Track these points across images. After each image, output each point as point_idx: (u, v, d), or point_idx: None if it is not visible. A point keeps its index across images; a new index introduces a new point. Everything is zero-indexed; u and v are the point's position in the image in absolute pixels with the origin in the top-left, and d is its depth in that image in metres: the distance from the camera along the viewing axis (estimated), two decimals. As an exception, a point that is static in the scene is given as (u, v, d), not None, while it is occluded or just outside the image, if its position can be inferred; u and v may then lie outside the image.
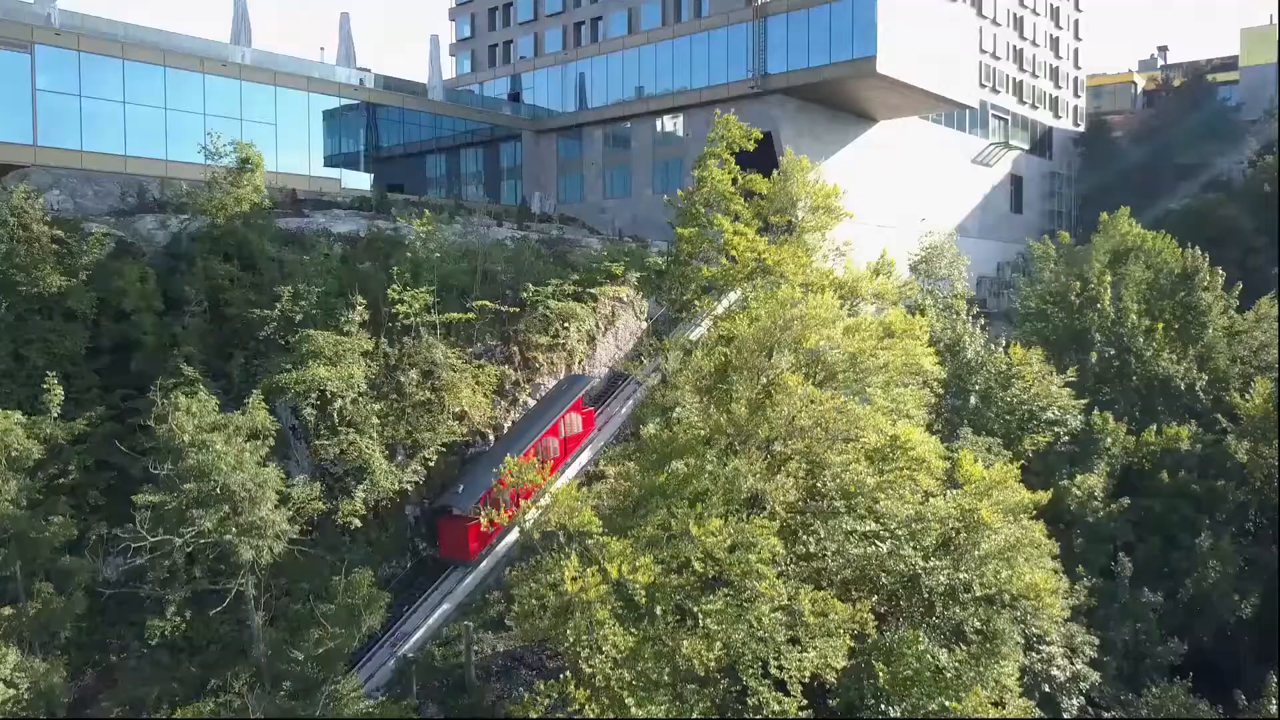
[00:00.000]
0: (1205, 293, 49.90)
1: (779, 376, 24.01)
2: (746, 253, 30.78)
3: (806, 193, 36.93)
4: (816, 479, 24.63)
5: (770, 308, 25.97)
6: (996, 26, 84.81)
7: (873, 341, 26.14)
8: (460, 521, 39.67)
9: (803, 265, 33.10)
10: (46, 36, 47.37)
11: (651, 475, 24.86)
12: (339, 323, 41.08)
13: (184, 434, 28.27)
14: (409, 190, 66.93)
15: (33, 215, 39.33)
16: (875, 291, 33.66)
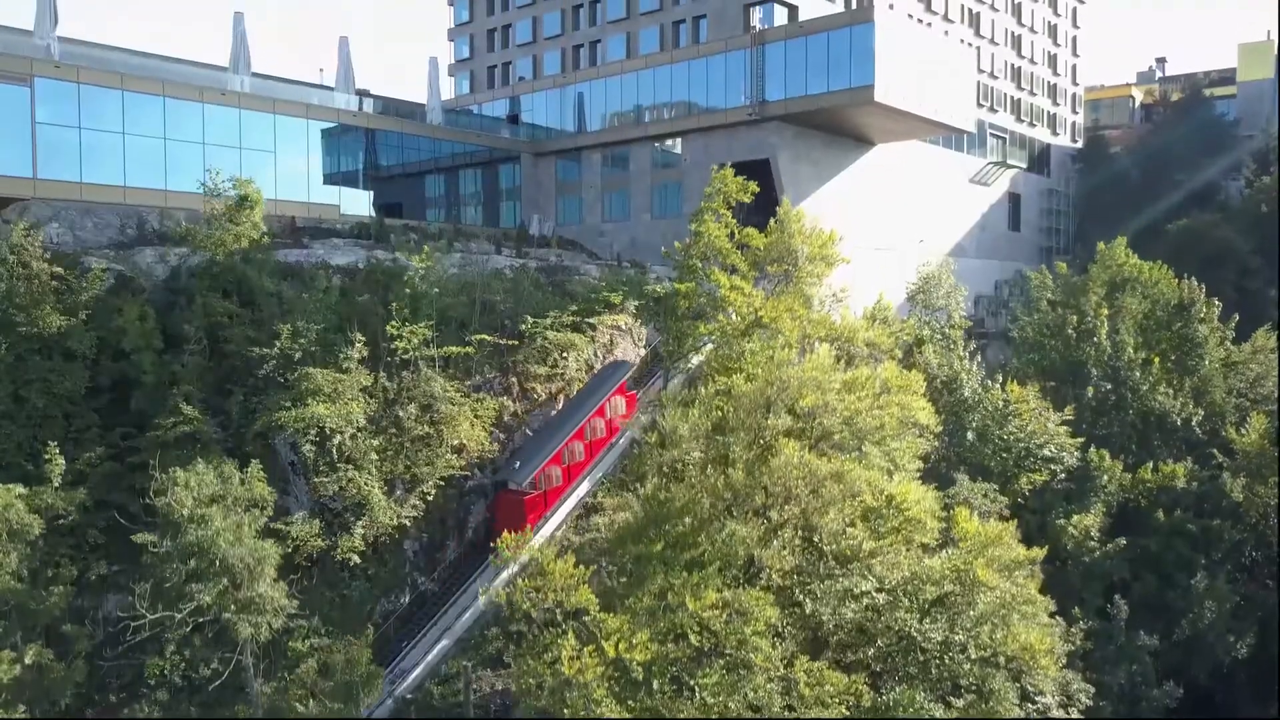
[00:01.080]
0: (1202, 324, 50.10)
1: (775, 438, 24.14)
2: (744, 308, 30.97)
3: (804, 242, 37.08)
4: (813, 542, 24.74)
5: (767, 368, 26.09)
6: (995, 46, 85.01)
7: (869, 400, 26.27)
8: (517, 497, 42.31)
9: (800, 318, 33.24)
10: (46, 69, 47.49)
11: (649, 543, 24.96)
12: (338, 360, 41.20)
13: (183, 508, 28.39)
14: (408, 211, 67.07)
15: (32, 252, 39.47)
16: (870, 340, 33.78)
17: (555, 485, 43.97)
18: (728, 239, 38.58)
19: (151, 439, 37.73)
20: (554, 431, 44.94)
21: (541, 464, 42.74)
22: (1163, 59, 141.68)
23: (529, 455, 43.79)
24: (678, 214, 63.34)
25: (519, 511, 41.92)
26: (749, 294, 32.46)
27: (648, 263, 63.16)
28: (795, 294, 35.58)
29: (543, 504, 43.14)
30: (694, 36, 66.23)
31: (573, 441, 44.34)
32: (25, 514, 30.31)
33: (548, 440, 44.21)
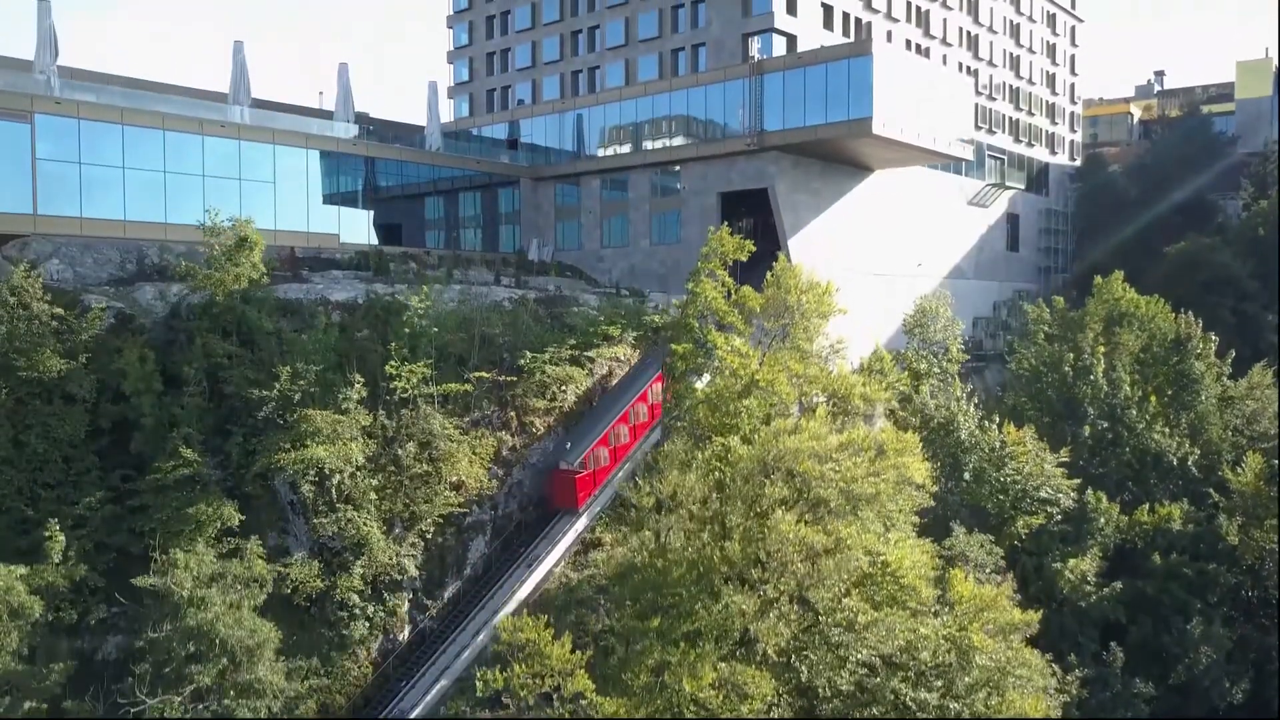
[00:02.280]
0: (1198, 360, 50.23)
1: (772, 507, 24.24)
2: (741, 369, 31.11)
3: (800, 297, 37.22)
4: (808, 612, 24.83)
5: (764, 436, 26.20)
6: (993, 67, 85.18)
7: (865, 466, 26.35)
8: (569, 475, 45.63)
9: (797, 376, 33.36)
10: (46, 105, 47.63)
11: (646, 620, 25.03)
12: (337, 400, 41.32)
13: (183, 589, 28.51)
14: (407, 233, 67.14)
15: (32, 294, 39.57)
16: (865, 396, 33.92)
17: (603, 465, 47.07)
18: (724, 298, 38.73)
19: (151, 482, 37.93)
20: (601, 416, 48.33)
21: (591, 445, 46.11)
22: (1161, 72, 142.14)
23: (579, 438, 47.25)
24: (676, 241, 63.60)
25: (571, 489, 45.68)
26: (746, 354, 32.57)
27: (646, 290, 63.29)
28: (792, 350, 35.70)
29: (592, 482, 46.37)
30: (693, 65, 66.39)
31: (618, 425, 47.42)
32: (25, 595, 30.36)
33: (595, 424, 47.71)
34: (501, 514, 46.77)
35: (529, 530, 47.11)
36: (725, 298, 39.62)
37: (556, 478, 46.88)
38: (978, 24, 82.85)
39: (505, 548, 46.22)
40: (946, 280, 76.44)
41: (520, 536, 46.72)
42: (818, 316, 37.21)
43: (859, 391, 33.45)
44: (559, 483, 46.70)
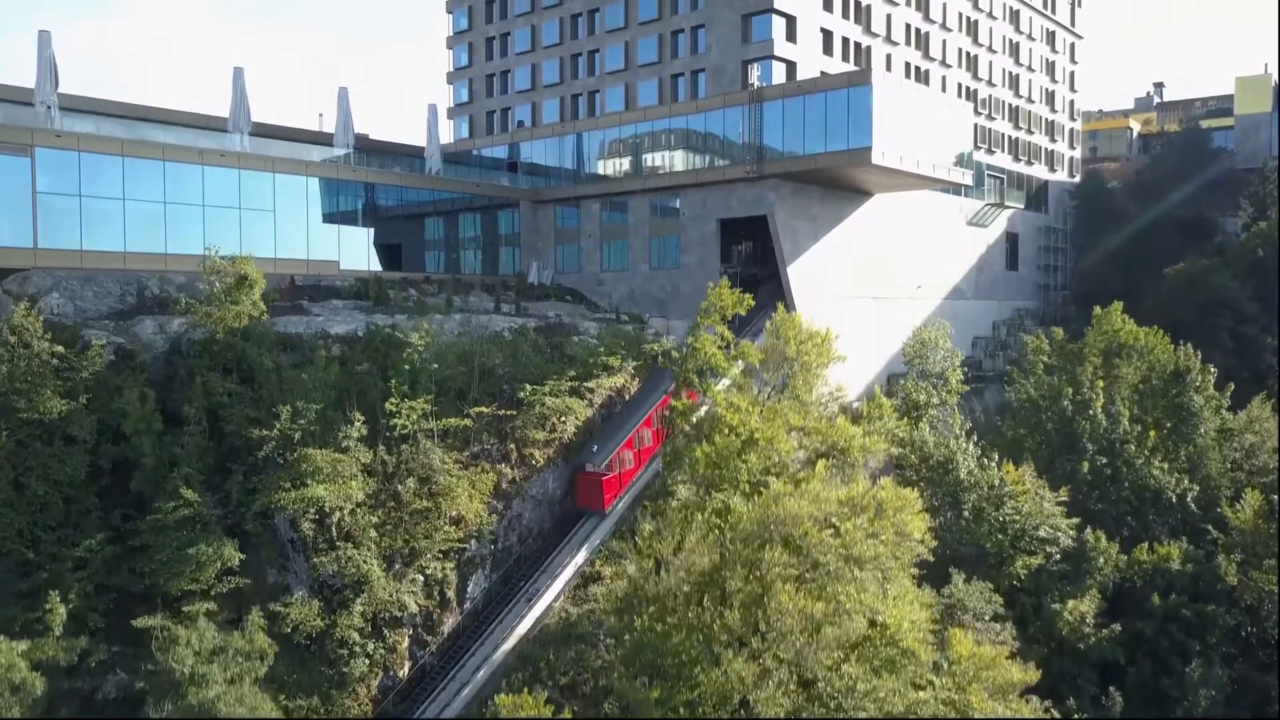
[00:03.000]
0: (1197, 393, 50.30)
1: (771, 572, 24.26)
2: (740, 427, 31.24)
3: (799, 348, 37.25)
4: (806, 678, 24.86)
5: (764, 498, 26.26)
6: (992, 87, 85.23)
7: (865, 526, 26.32)
8: (595, 476, 46.85)
9: (796, 427, 33.46)
10: (47, 139, 47.69)
11: (645, 684, 25.06)
12: (338, 438, 41.35)
13: (184, 666, 28.50)
14: (407, 253, 67.04)
15: (33, 332, 39.61)
16: (865, 447, 33.98)
17: (628, 468, 48.24)
18: (723, 352, 38.84)
19: (152, 522, 37.99)
20: (625, 420, 49.65)
21: (616, 448, 47.28)
22: (1160, 84, 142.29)
23: (605, 440, 48.41)
24: (675, 266, 63.65)
25: (597, 490, 46.85)
26: (745, 411, 32.66)
27: (646, 314, 63.40)
28: (791, 400, 35.78)
29: (618, 484, 47.56)
30: (692, 90, 66.43)
31: (642, 429, 48.63)
32: (27, 670, 30.44)
33: (620, 427, 49.01)
34: (501, 547, 46.88)
35: (529, 563, 47.23)
36: (724, 350, 39.70)
37: (583, 479, 47.78)
38: (977, 44, 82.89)
39: (505, 581, 46.31)
40: (946, 301, 76.54)
41: (520, 569, 46.83)
42: (818, 365, 37.27)
43: (858, 444, 33.54)
44: (585, 484, 47.63)
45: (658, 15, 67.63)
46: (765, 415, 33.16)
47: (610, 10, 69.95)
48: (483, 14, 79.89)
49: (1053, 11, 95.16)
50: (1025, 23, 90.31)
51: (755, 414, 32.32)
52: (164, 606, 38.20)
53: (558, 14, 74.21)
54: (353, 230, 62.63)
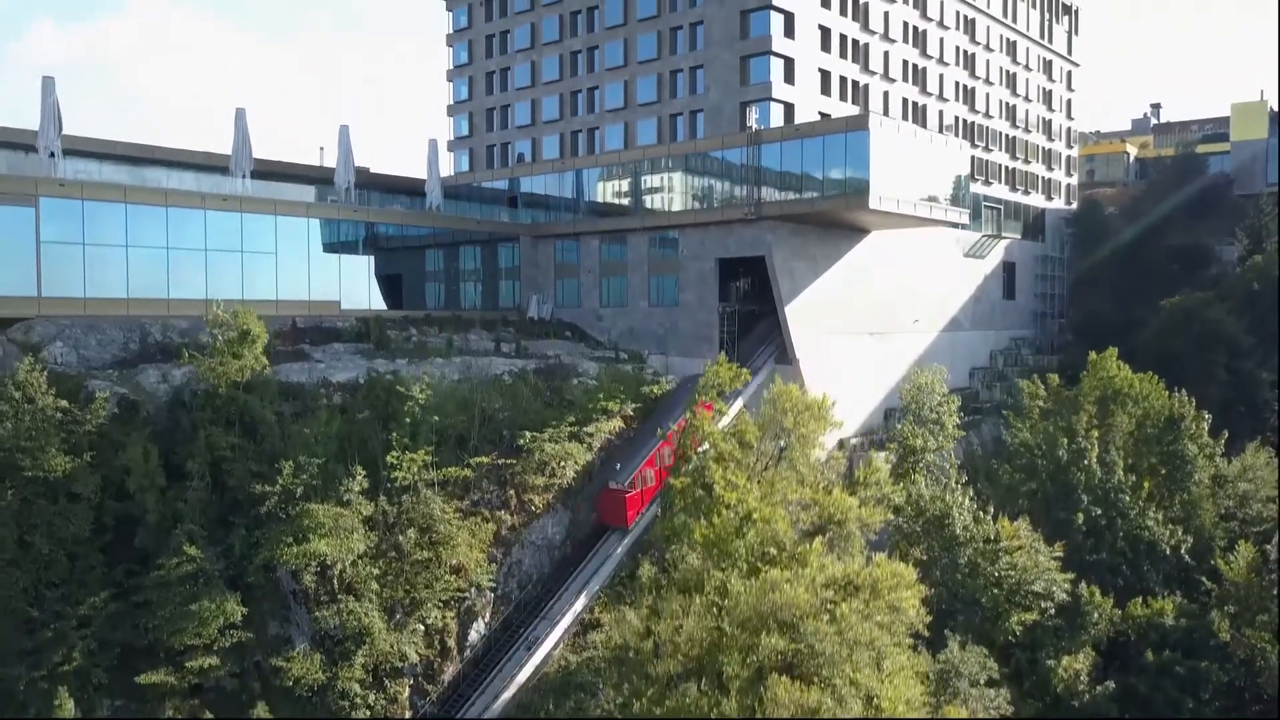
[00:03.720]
0: (1191, 442, 50.71)
1: (768, 658, 24.61)
2: (738, 505, 31.66)
3: (796, 420, 37.65)
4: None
5: (762, 584, 26.64)
6: (989, 118, 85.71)
7: (861, 609, 26.63)
8: (619, 494, 48.82)
9: (793, 501, 33.87)
10: (51, 189, 48.10)
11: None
12: (339, 492, 41.71)
13: None
14: (408, 286, 67.35)
15: (37, 387, 39.97)
16: (862, 519, 34.34)
17: (649, 485, 50.05)
18: (719, 432, 39.27)
19: (155, 578, 38.36)
20: (646, 439, 51.63)
21: (638, 467, 49.54)
22: (1157, 105, 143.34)
23: (628, 459, 50.61)
24: (674, 304, 64.04)
25: (621, 507, 48.78)
26: (742, 488, 33.07)
27: (645, 351, 63.81)
28: (790, 473, 36.17)
29: (640, 501, 49.45)
30: (690, 130, 66.87)
31: (662, 448, 49.86)
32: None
33: (642, 447, 51.18)
34: (501, 594, 47.22)
35: (529, 609, 47.56)
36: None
37: (606, 496, 49.65)
38: (974, 77, 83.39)
39: (505, 628, 46.62)
40: (943, 333, 76.99)
41: (520, 616, 47.16)
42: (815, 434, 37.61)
43: (854, 515, 33.92)
44: (609, 501, 49.50)
45: (657, 55, 68.11)
46: (763, 487, 33.57)
47: (610, 48, 70.41)
48: (482, 48, 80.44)
49: (1049, 41, 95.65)
50: (1022, 53, 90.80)
51: (753, 492, 32.70)
52: (167, 661, 38.70)
53: (557, 50, 74.73)
54: (354, 267, 62.95)
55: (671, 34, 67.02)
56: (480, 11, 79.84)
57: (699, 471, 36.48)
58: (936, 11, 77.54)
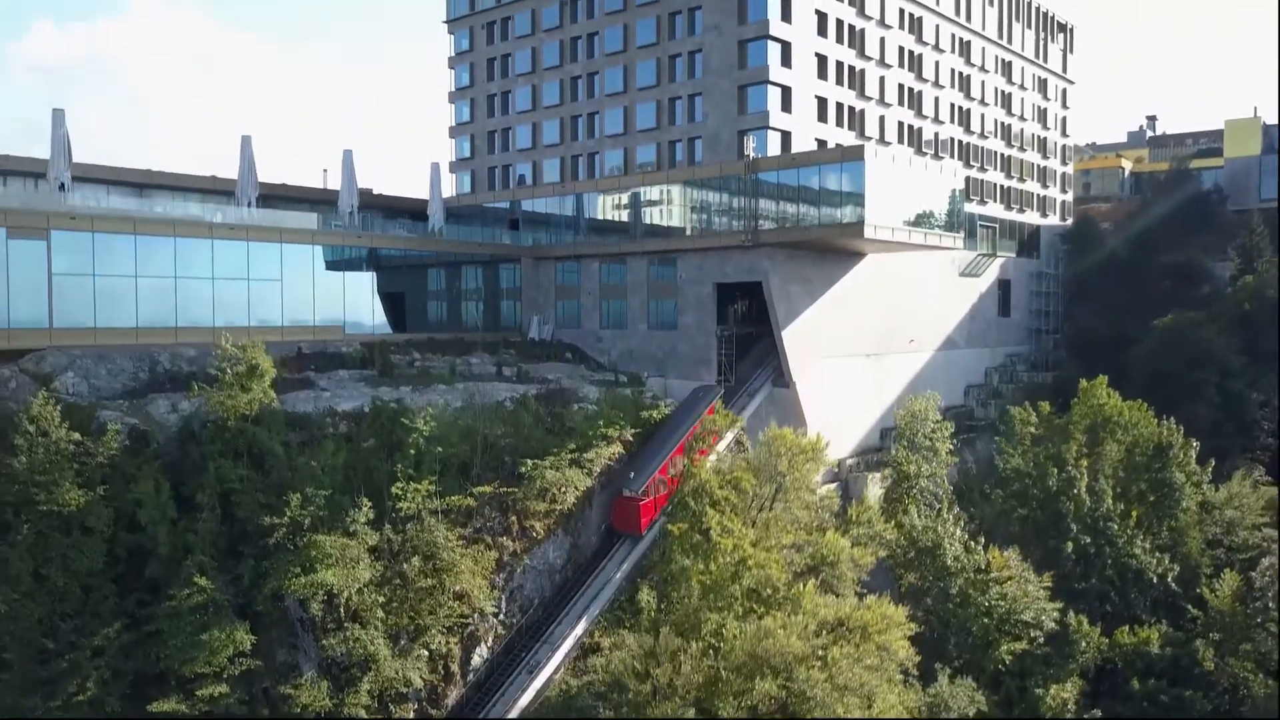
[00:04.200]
0: (1178, 470, 51.77)
1: (761, 703, 25.63)
2: (733, 551, 32.66)
3: (790, 463, 38.67)
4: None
5: (756, 631, 27.62)
6: (985, 139, 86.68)
7: (851, 653, 27.64)
8: (633, 501, 50.24)
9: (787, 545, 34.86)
10: (62, 221, 49.10)
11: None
12: (345, 523, 42.68)
13: None
14: (410, 304, 68.12)
15: (51, 421, 40.96)
16: (854, 559, 35.34)
17: (662, 493, 51.08)
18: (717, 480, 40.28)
19: (167, 609, 39.40)
20: (659, 448, 52.97)
21: (652, 474, 50.99)
22: (1153, 118, 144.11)
23: (641, 467, 51.96)
24: (673, 327, 65.03)
25: (635, 514, 50.30)
26: (738, 535, 34.08)
27: (644, 373, 64.78)
28: (785, 515, 37.19)
29: (653, 508, 50.76)
30: (689, 156, 67.86)
31: (675, 456, 51.76)
32: None
33: (655, 455, 52.46)
34: (503, 618, 48.22)
35: (530, 633, 48.56)
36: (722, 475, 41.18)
37: (621, 504, 51.25)
38: (969, 98, 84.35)
39: (507, 651, 47.62)
40: (939, 352, 77.99)
41: (521, 640, 48.15)
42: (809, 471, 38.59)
43: (846, 556, 34.92)
44: (623, 508, 51.13)
45: (656, 82, 69.09)
46: (758, 530, 34.56)
47: (610, 74, 71.43)
48: (484, 71, 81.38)
49: (1045, 60, 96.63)
50: (1017, 73, 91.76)
51: (748, 536, 33.69)
52: (178, 689, 39.69)
53: (558, 75, 75.69)
54: (358, 292, 63.91)
55: (670, 61, 68.03)
56: (482, 35, 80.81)
57: (697, 517, 37.45)
58: (932, 36, 78.50)
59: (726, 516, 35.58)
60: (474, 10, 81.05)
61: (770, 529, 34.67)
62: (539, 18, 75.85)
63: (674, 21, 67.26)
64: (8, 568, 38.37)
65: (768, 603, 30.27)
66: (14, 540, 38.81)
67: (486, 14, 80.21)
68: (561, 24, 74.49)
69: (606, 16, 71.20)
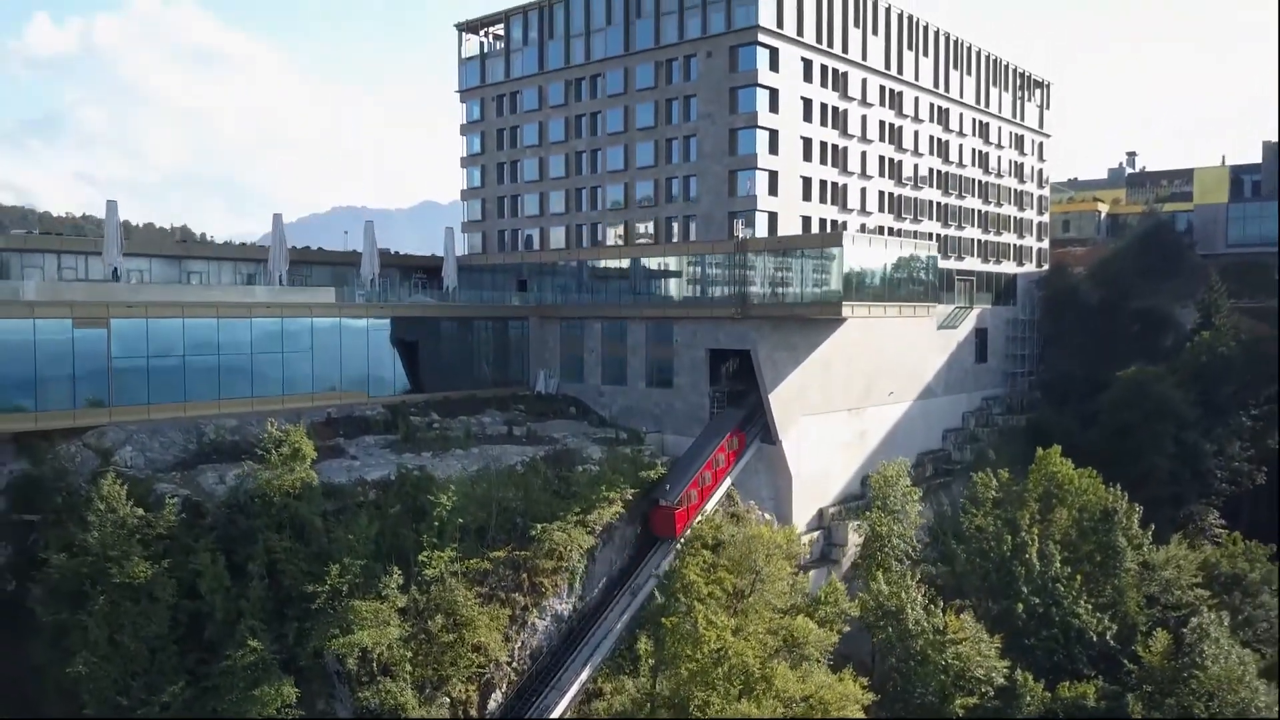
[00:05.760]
0: (1122, 534, 57.47)
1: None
2: (715, 641, 38.14)
3: (768, 557, 44.22)
4: None
5: (731, 711, 33.01)
6: (962, 199, 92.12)
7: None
8: (668, 509, 58.34)
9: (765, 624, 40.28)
10: (120, 310, 54.63)
11: None
12: (378, 588, 48.30)
13: None
14: (424, 358, 73.17)
15: (118, 499, 46.64)
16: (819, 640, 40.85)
17: (694, 503, 59.53)
18: (704, 580, 45.98)
19: (223, 668, 45.03)
20: (690, 463, 61.66)
21: (685, 486, 59.09)
22: (1133, 153, 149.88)
23: (675, 479, 60.31)
24: (669, 386, 70.59)
25: (671, 521, 58.12)
26: (720, 626, 39.63)
27: (643, 429, 70.42)
28: (762, 605, 42.76)
29: (686, 516, 58.69)
30: (684, 233, 73.43)
31: (704, 470, 60.76)
32: None
33: (687, 469, 61.08)
34: (515, 666, 53.86)
35: (540, 679, 54.18)
36: (709, 571, 46.85)
37: (659, 512, 58.96)
38: (947, 162, 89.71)
39: (519, 696, 53.22)
40: (917, 402, 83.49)
41: (532, 685, 53.81)
42: (783, 566, 44.15)
43: (815, 638, 40.39)
44: (660, 516, 58.80)
45: (654, 162, 74.55)
46: (738, 619, 40.09)
47: (611, 153, 76.97)
48: (494, 140, 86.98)
49: (1021, 119, 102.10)
50: (994, 133, 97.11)
51: (729, 626, 39.24)
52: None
53: (563, 150, 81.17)
54: (380, 350, 69.32)
55: (667, 144, 73.58)
56: (492, 107, 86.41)
57: (688, 611, 43.08)
58: (911, 108, 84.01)
59: (711, 609, 41.14)
60: (484, 83, 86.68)
61: (749, 616, 40.10)
62: (545, 95, 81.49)
63: (670, 107, 72.87)
64: (87, 634, 43.91)
65: (747, 681, 35.75)
66: (91, 609, 44.37)
67: (497, 87, 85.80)
68: (567, 102, 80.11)
69: (608, 99, 76.81)
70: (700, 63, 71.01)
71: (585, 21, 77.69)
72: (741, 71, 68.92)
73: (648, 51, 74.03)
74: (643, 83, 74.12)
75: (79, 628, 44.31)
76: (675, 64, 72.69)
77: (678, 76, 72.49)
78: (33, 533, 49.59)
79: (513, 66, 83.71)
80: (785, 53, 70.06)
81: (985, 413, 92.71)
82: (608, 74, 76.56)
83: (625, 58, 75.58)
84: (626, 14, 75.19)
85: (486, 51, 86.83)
